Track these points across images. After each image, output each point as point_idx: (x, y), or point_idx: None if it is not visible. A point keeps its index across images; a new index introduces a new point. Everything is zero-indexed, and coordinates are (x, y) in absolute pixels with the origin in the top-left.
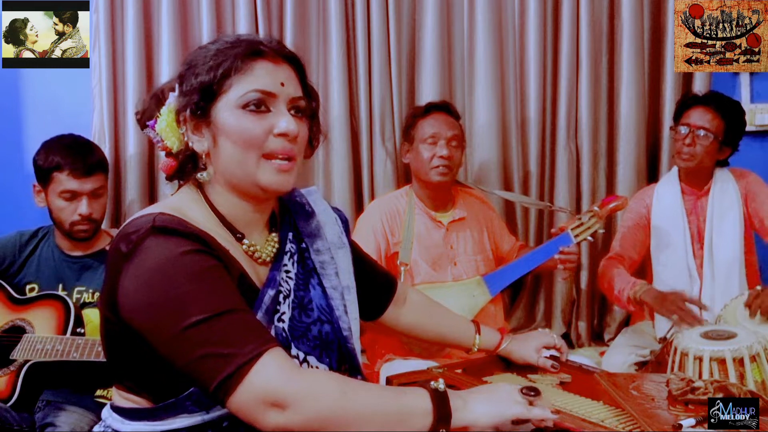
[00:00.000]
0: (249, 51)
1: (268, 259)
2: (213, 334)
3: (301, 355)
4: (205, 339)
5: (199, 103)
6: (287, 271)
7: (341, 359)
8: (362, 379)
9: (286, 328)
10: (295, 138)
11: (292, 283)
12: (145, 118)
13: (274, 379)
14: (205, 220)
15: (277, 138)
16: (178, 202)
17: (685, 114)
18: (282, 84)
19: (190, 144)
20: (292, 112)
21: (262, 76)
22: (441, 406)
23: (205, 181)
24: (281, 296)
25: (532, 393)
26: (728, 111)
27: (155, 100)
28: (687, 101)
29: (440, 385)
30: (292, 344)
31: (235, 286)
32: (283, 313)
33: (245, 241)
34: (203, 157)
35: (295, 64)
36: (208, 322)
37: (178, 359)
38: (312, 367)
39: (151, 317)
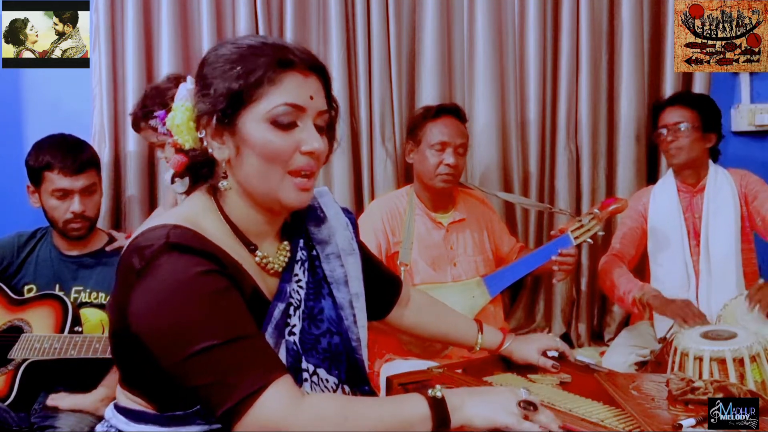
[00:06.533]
0: (280, 60)
1: (279, 269)
2: (220, 362)
3: (311, 368)
4: (212, 366)
5: (226, 110)
6: (298, 281)
7: (349, 369)
8: (368, 390)
9: (297, 341)
10: (321, 155)
11: (303, 292)
12: (139, 117)
13: (278, 411)
14: (218, 231)
15: (303, 155)
16: (192, 210)
17: (659, 119)
18: (311, 98)
19: (210, 150)
20: (317, 125)
21: (293, 89)
22: (439, 410)
23: (223, 188)
24: (291, 308)
25: (531, 407)
26: (696, 102)
27: (150, 99)
28: (656, 109)
29: (437, 392)
30: (303, 357)
31: (248, 301)
32: (294, 325)
33: (258, 252)
34: (222, 164)
35: (322, 74)
36: (215, 349)
37: (185, 382)
38: (322, 379)
39: (160, 339)
